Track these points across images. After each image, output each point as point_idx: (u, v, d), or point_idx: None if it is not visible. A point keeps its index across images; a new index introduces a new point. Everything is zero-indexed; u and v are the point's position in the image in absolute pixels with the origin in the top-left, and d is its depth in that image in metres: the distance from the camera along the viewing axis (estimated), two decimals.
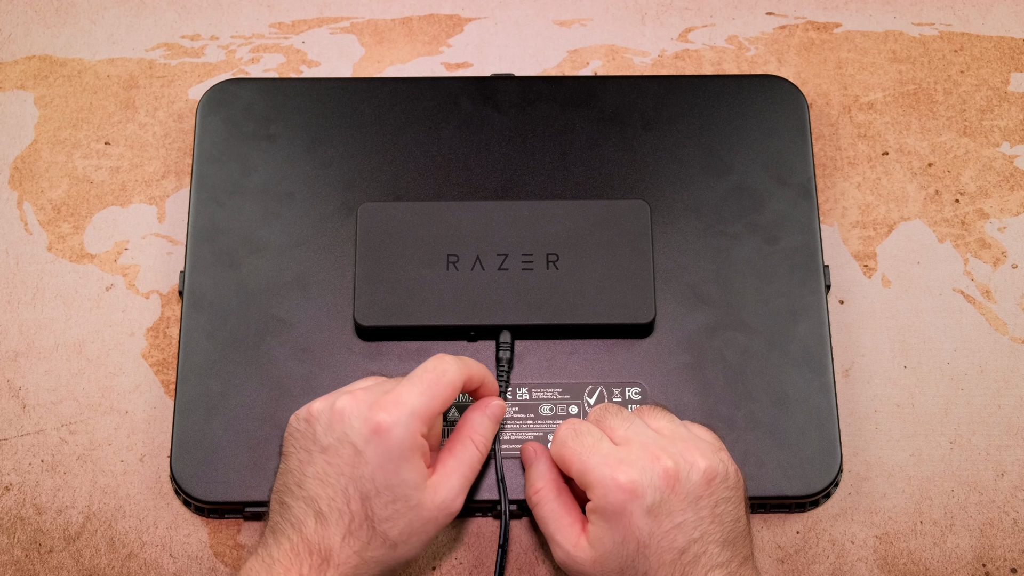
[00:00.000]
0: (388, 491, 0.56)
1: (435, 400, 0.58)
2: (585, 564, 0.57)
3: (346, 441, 0.56)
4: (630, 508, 0.55)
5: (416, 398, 0.57)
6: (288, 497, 0.58)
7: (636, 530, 0.55)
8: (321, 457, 0.57)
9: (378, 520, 0.56)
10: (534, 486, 0.61)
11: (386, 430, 0.56)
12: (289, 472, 0.58)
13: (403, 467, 0.56)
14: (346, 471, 0.56)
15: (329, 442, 0.57)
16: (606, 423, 0.60)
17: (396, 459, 0.56)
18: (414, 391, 0.57)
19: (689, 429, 0.60)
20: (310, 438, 0.58)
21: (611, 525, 0.56)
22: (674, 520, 0.56)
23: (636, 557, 0.56)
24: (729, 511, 0.57)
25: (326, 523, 0.56)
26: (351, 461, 0.56)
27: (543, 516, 0.60)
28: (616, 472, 0.56)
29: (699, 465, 0.57)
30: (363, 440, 0.56)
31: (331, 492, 0.56)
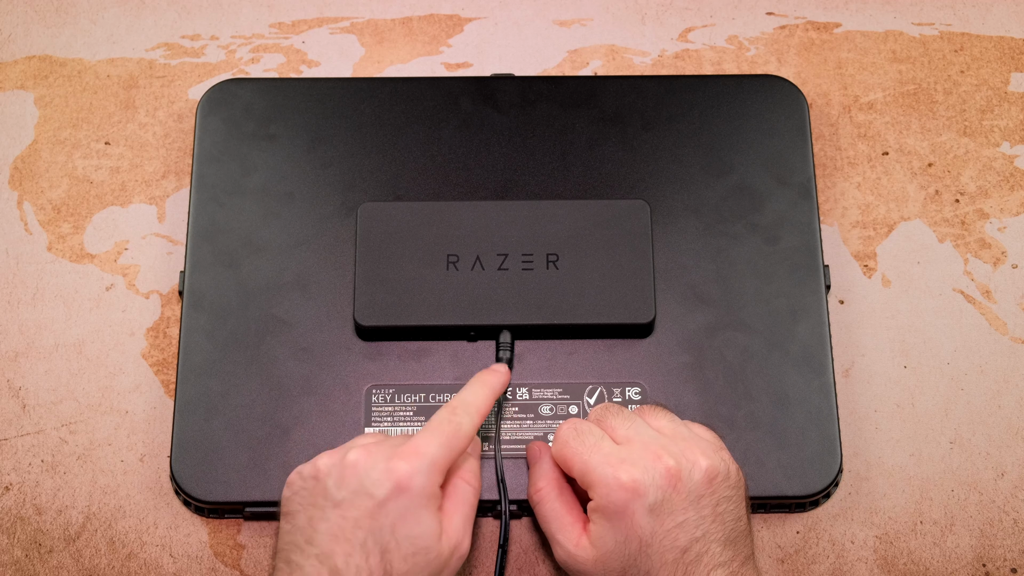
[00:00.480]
0: (408, 543, 0.54)
1: (452, 452, 0.57)
2: (587, 564, 0.57)
3: (363, 493, 0.55)
4: (632, 507, 0.55)
5: (436, 449, 0.56)
6: (296, 555, 0.55)
7: (638, 529, 0.55)
8: (335, 512, 0.55)
9: (397, 574, 0.54)
10: (535, 485, 0.61)
11: (407, 480, 0.55)
12: (296, 530, 0.56)
13: (423, 517, 0.55)
14: (364, 524, 0.54)
15: (344, 496, 0.55)
16: (607, 423, 0.60)
17: (417, 509, 0.55)
18: (433, 442, 0.56)
19: (690, 428, 0.60)
20: (320, 494, 0.56)
21: (613, 524, 0.56)
22: (676, 519, 0.56)
23: (638, 556, 0.56)
24: (731, 510, 0.57)
25: None
26: (370, 513, 0.54)
27: (544, 515, 0.60)
28: (618, 471, 0.56)
29: (701, 464, 0.57)
30: (383, 491, 0.54)
31: (347, 547, 0.54)
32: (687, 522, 0.56)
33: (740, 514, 0.57)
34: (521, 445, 0.65)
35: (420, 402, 0.66)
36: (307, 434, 0.65)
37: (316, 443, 0.65)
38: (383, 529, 0.54)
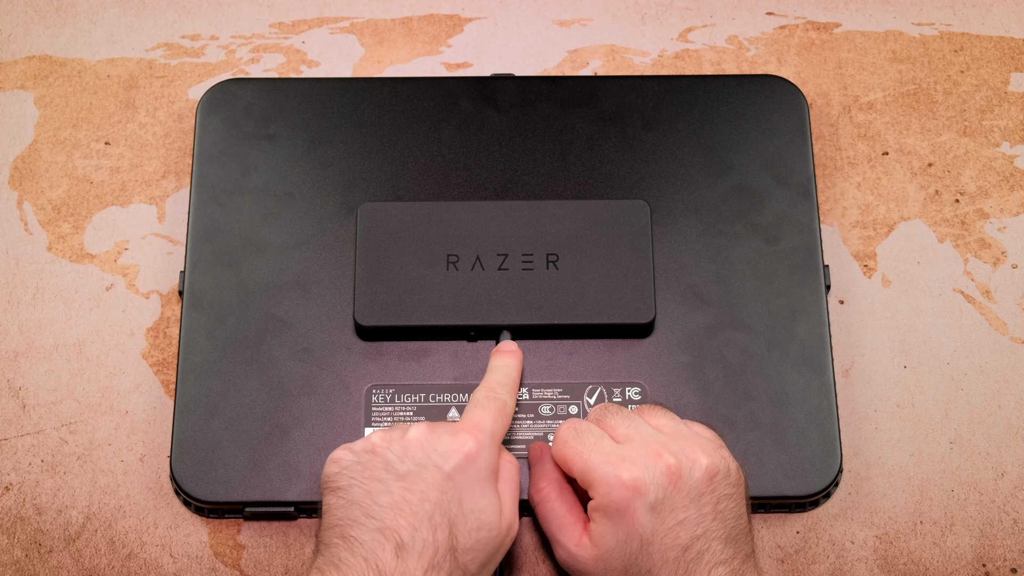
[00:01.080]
0: (475, 517, 0.54)
1: (504, 427, 0.58)
2: (588, 563, 0.57)
3: (430, 466, 0.55)
4: (633, 505, 0.55)
5: (493, 423, 0.57)
6: (355, 530, 0.54)
7: (639, 527, 0.55)
8: (399, 485, 0.54)
9: (461, 551, 0.54)
10: (536, 485, 0.61)
11: (475, 454, 0.55)
12: (352, 504, 0.55)
13: (488, 491, 0.55)
14: (432, 496, 0.54)
15: (408, 469, 0.55)
16: (607, 422, 0.60)
17: (483, 483, 0.55)
18: (488, 416, 0.57)
19: (690, 427, 0.60)
20: (379, 467, 0.55)
21: (614, 523, 0.56)
22: (677, 517, 0.56)
23: (639, 555, 0.56)
24: (731, 508, 0.57)
25: (407, 556, 0.53)
26: (438, 486, 0.54)
27: (545, 515, 0.60)
28: (619, 470, 0.56)
29: (701, 462, 0.57)
30: (452, 463, 0.55)
31: (414, 521, 0.53)
32: (688, 520, 0.56)
33: (740, 512, 0.57)
34: (522, 445, 0.65)
35: (420, 402, 0.66)
36: (307, 434, 0.65)
37: (316, 443, 0.65)
38: (451, 502, 0.54)
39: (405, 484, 0.54)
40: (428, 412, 0.66)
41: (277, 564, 0.65)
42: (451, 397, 0.66)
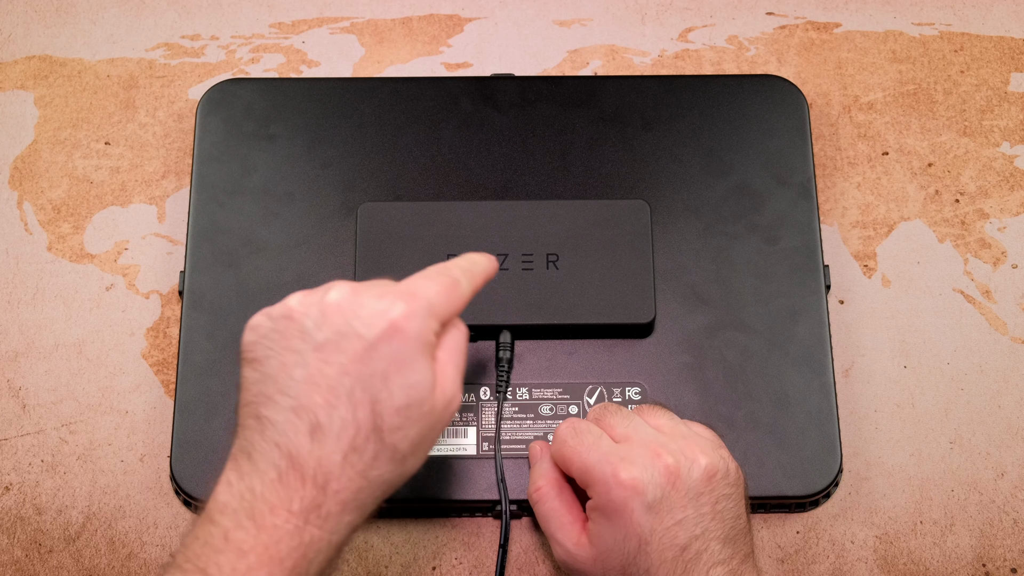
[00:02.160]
0: (402, 393, 0.48)
1: (450, 304, 0.52)
2: (586, 562, 0.57)
3: (351, 334, 0.48)
4: (631, 505, 0.55)
5: (434, 295, 0.51)
6: (267, 409, 0.48)
7: (637, 527, 0.55)
8: (315, 356, 0.48)
9: (388, 430, 0.48)
10: (535, 484, 0.61)
11: (404, 321, 0.48)
12: (266, 379, 0.48)
13: (419, 365, 0.49)
14: (352, 370, 0.48)
15: (326, 337, 0.48)
16: (606, 421, 0.60)
17: (413, 355, 0.48)
18: (430, 286, 0.51)
19: (689, 427, 0.60)
20: (295, 336, 0.48)
21: (612, 522, 0.56)
22: (675, 517, 0.55)
23: (637, 554, 0.56)
24: (730, 508, 0.57)
25: (324, 438, 0.47)
26: (360, 357, 0.48)
27: (544, 514, 0.60)
28: (617, 469, 0.56)
29: (700, 462, 0.57)
30: (375, 332, 0.48)
31: (331, 397, 0.47)
32: (686, 520, 0.55)
33: (739, 512, 0.57)
34: (521, 445, 0.65)
35: None
36: None
37: None
38: (373, 376, 0.48)
39: (322, 355, 0.48)
40: None
41: None
42: None
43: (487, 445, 0.65)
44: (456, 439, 0.65)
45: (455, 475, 0.64)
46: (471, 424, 0.66)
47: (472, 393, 0.66)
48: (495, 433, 0.65)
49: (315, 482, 0.47)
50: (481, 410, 0.66)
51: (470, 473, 0.64)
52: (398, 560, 0.65)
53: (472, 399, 0.66)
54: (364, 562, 0.65)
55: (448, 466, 0.64)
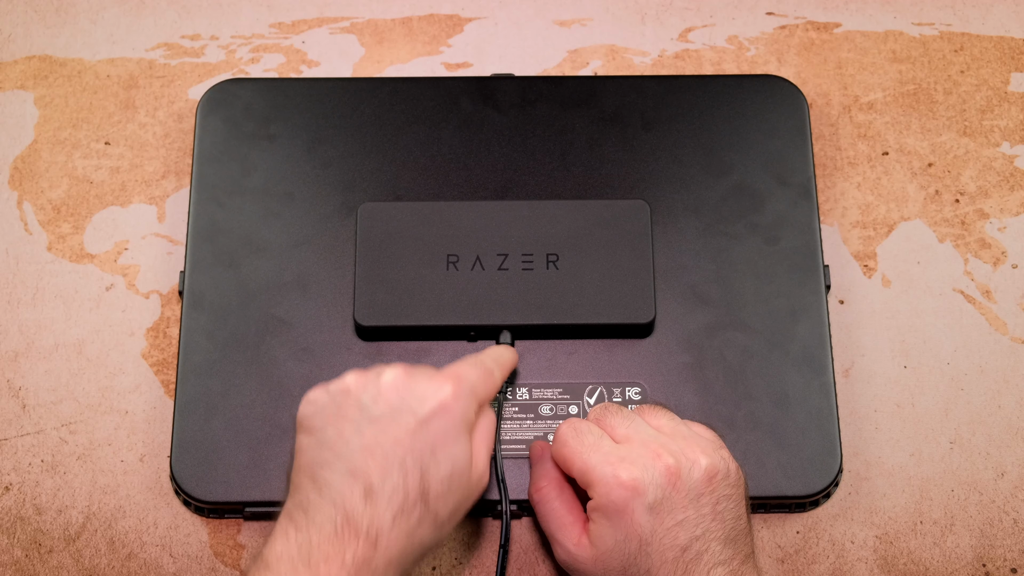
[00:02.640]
0: (447, 464, 0.54)
1: (486, 389, 0.58)
2: (587, 563, 0.57)
3: (405, 410, 0.54)
4: (632, 505, 0.55)
5: (475, 378, 0.57)
6: (325, 471, 0.53)
7: (638, 527, 0.55)
8: (372, 427, 0.54)
9: (433, 497, 0.53)
10: (536, 485, 0.61)
11: (452, 400, 0.55)
12: (323, 445, 0.54)
13: (462, 441, 0.55)
14: (405, 441, 0.53)
15: (382, 412, 0.54)
16: (606, 422, 0.60)
17: (457, 432, 0.54)
18: (472, 372, 0.57)
19: (689, 427, 0.60)
20: (353, 408, 0.54)
21: (612, 523, 0.56)
22: (676, 517, 0.56)
23: (638, 555, 0.56)
24: (730, 509, 0.57)
25: (376, 500, 0.52)
26: (412, 430, 0.53)
27: (544, 515, 0.60)
28: (617, 470, 0.56)
29: (700, 463, 0.57)
30: (427, 409, 0.54)
31: (385, 464, 0.52)
32: (687, 520, 0.56)
33: (740, 513, 0.57)
34: (521, 445, 0.65)
35: None
36: None
37: None
38: (424, 448, 0.53)
39: (378, 427, 0.53)
40: None
41: None
42: None
43: None
44: None
45: None
46: None
47: None
48: (495, 433, 0.65)
49: (368, 538, 0.51)
50: None
51: None
52: None
53: None
54: None
55: None
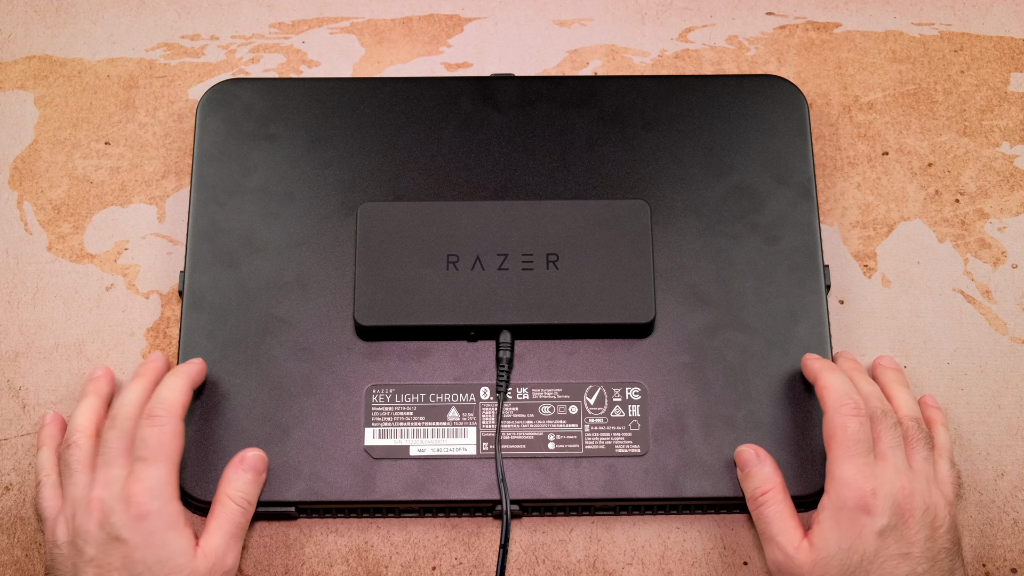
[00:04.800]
0: (160, 566, 0.57)
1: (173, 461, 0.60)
2: (804, 566, 0.58)
3: (112, 538, 0.58)
4: (863, 520, 0.58)
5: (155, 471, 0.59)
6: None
7: (864, 543, 0.57)
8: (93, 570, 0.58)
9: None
10: (762, 488, 0.62)
11: (146, 511, 0.58)
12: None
13: (169, 540, 0.58)
14: (117, 565, 0.57)
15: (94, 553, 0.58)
16: (880, 428, 0.61)
17: (161, 534, 0.58)
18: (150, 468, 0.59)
19: (937, 471, 0.62)
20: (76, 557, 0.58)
21: (841, 528, 0.58)
22: (902, 549, 0.57)
23: (857, 570, 0.57)
24: (947, 562, 0.58)
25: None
26: (120, 554, 0.57)
27: (768, 516, 0.61)
28: (866, 481, 0.58)
29: (935, 511, 0.59)
30: (127, 529, 0.57)
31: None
32: (911, 555, 0.57)
33: (955, 567, 0.59)
34: (522, 445, 0.65)
35: (420, 402, 0.66)
36: (307, 434, 0.65)
37: (316, 443, 0.65)
38: (135, 562, 0.57)
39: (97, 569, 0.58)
40: (428, 412, 0.66)
41: (277, 564, 0.65)
42: (451, 397, 0.66)
43: (487, 445, 0.65)
44: (456, 439, 0.65)
45: (455, 475, 0.64)
46: (471, 424, 0.66)
47: (472, 393, 0.66)
48: (495, 433, 0.65)
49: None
50: (481, 410, 0.66)
51: (470, 473, 0.64)
52: (398, 560, 0.65)
53: (472, 399, 0.66)
54: (364, 562, 0.65)
55: (448, 466, 0.64)
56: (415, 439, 0.65)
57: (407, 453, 0.65)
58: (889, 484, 0.59)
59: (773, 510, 0.61)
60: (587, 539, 0.66)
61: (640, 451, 0.65)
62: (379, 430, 0.65)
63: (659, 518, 0.66)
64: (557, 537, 0.66)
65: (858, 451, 0.60)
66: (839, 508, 0.58)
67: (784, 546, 0.59)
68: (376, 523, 0.66)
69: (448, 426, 0.65)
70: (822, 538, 0.58)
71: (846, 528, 0.58)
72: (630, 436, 0.65)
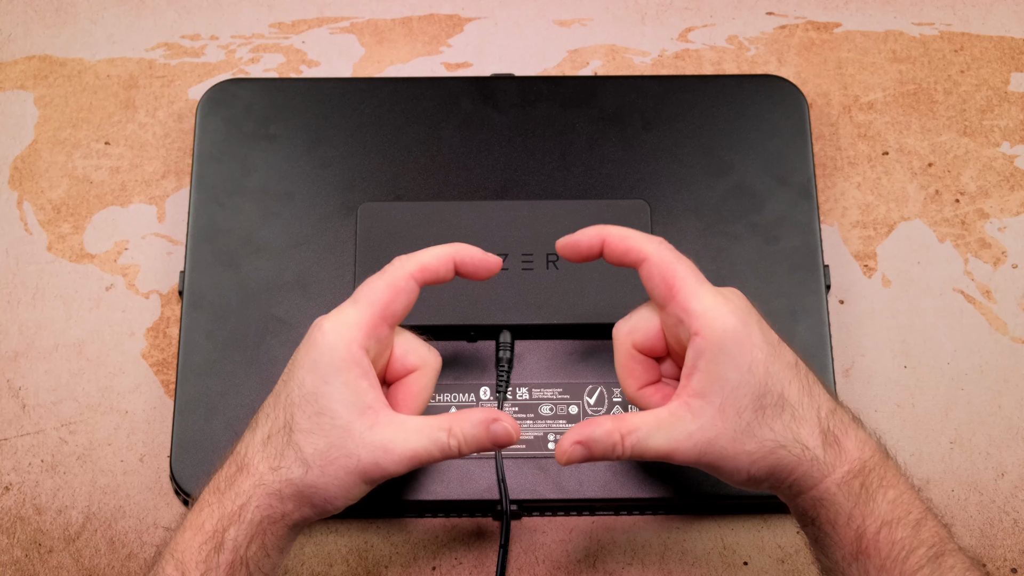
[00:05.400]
0: (314, 400, 0.52)
1: (374, 308, 0.54)
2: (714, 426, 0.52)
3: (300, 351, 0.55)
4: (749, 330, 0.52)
5: (351, 309, 0.54)
6: None
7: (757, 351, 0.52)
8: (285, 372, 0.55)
9: (297, 430, 0.52)
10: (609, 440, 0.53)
11: (319, 335, 0.53)
12: None
13: (333, 378, 0.53)
14: (285, 376, 0.54)
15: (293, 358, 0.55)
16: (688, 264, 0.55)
17: (325, 367, 0.53)
18: (350, 303, 0.55)
19: None
20: None
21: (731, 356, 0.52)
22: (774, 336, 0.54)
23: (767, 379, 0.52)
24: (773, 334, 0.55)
25: (255, 430, 0.54)
26: (290, 366, 0.54)
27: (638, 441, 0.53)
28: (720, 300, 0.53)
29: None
30: (304, 348, 0.54)
31: (271, 399, 0.54)
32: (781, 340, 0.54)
33: None
34: (521, 445, 0.65)
35: None
36: None
37: None
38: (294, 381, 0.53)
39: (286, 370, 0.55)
40: (428, 411, 0.66)
41: None
42: (451, 397, 0.66)
43: None
44: None
45: (455, 475, 0.64)
46: None
47: (472, 393, 0.66)
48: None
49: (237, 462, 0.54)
50: None
51: (470, 473, 0.64)
52: (398, 560, 0.65)
53: (472, 399, 0.66)
54: (364, 562, 0.65)
55: (448, 466, 0.64)
56: None
57: None
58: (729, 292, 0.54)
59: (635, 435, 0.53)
60: (587, 539, 0.66)
61: None
62: None
63: (659, 518, 0.66)
64: (557, 537, 0.66)
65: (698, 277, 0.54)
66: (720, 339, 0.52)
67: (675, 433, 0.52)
68: (376, 523, 0.66)
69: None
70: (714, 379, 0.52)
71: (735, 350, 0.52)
72: None
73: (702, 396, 0.52)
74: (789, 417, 0.52)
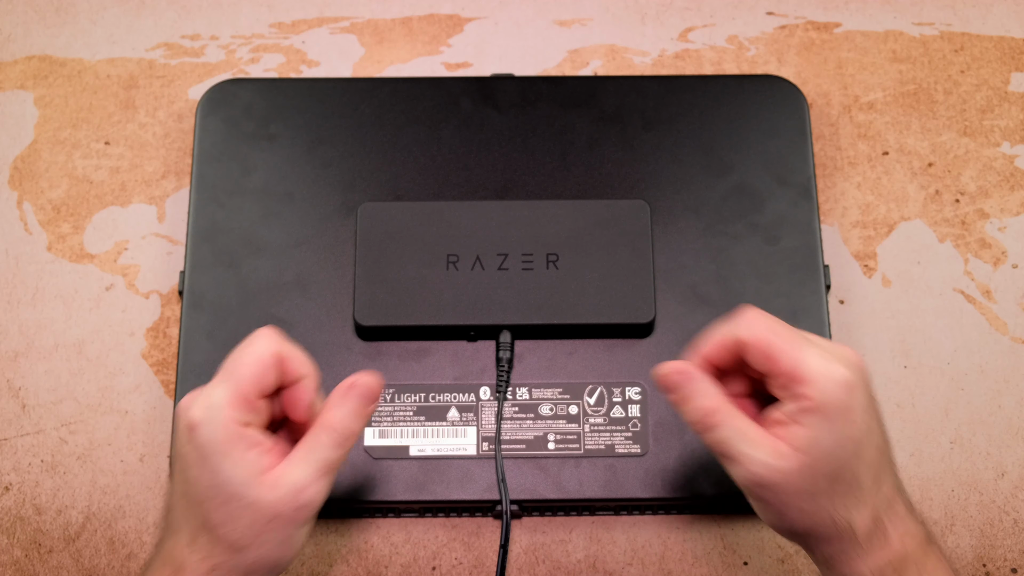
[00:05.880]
0: (215, 491, 0.51)
1: (241, 383, 0.53)
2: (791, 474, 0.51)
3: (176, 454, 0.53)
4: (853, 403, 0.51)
5: (218, 388, 0.53)
6: None
7: (856, 428, 0.51)
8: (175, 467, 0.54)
9: (217, 524, 0.52)
10: (703, 408, 0.53)
11: (196, 427, 0.52)
12: None
13: (223, 464, 0.51)
14: (179, 477, 0.53)
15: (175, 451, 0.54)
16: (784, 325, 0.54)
17: (212, 457, 0.51)
18: (217, 381, 0.53)
19: None
20: None
21: (832, 423, 0.51)
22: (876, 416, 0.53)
23: (852, 459, 0.51)
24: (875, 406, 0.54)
25: (176, 533, 0.53)
26: (179, 464, 0.53)
27: (725, 438, 0.53)
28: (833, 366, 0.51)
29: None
30: (183, 443, 0.52)
31: (178, 500, 0.53)
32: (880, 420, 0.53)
33: None
34: (521, 445, 0.65)
35: (420, 402, 0.66)
36: None
37: None
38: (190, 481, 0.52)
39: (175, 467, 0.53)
40: (428, 412, 0.66)
41: None
42: (451, 397, 0.66)
43: (487, 445, 0.65)
44: (456, 439, 0.65)
45: (455, 475, 0.64)
46: (471, 424, 0.66)
47: (472, 393, 0.66)
48: (495, 433, 0.65)
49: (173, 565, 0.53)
50: (481, 410, 0.66)
51: (470, 473, 0.64)
52: (398, 560, 0.65)
53: (472, 399, 0.66)
54: (364, 562, 0.65)
55: (448, 466, 0.64)
56: (415, 439, 0.65)
57: (407, 453, 0.65)
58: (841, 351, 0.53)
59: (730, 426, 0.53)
60: (587, 539, 0.66)
61: (640, 451, 0.65)
62: (379, 430, 0.65)
63: (659, 518, 0.66)
64: (557, 537, 0.66)
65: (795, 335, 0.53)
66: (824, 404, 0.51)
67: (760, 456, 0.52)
68: (376, 523, 0.66)
69: (448, 426, 0.65)
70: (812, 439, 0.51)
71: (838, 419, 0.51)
72: (630, 436, 0.65)
73: (793, 446, 0.52)
74: (853, 500, 0.52)
